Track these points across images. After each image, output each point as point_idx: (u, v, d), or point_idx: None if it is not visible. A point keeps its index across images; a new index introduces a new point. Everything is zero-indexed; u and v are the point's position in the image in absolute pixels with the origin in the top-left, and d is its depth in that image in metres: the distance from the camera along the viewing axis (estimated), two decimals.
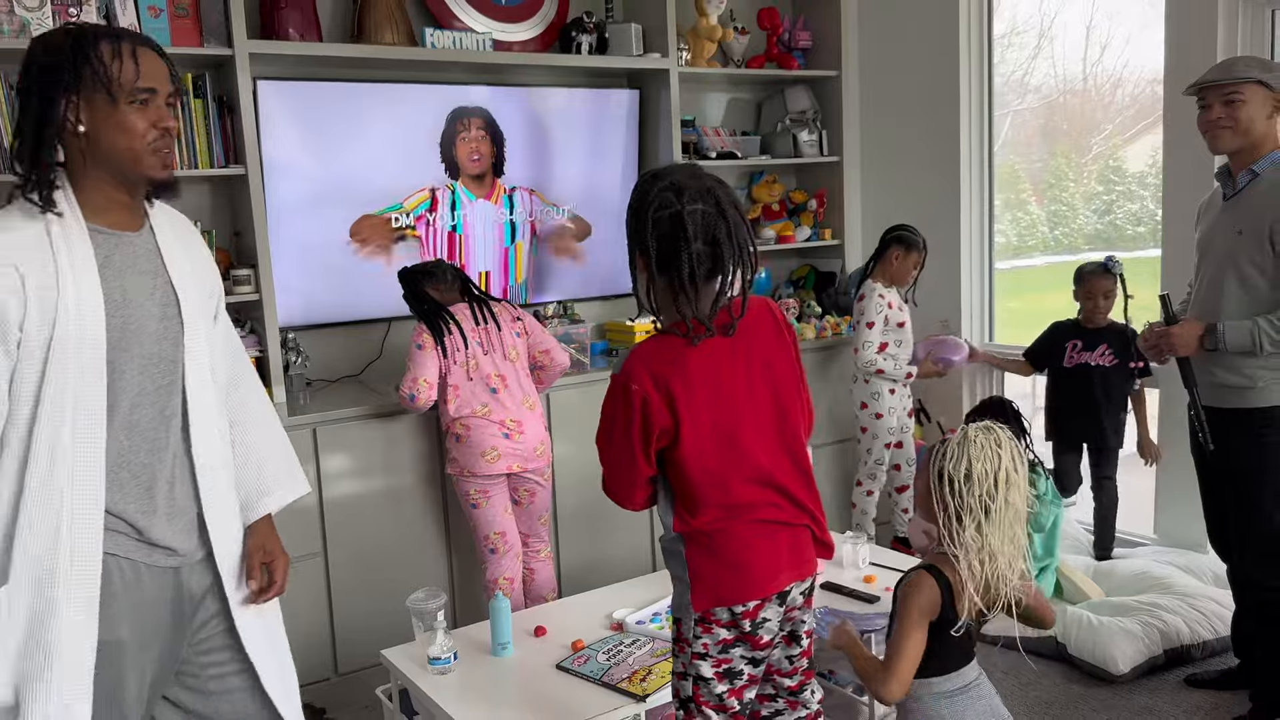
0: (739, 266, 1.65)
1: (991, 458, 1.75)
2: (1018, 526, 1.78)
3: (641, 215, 1.64)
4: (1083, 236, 5.59)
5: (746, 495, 1.71)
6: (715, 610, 1.71)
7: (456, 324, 2.96)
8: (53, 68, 1.47)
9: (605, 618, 2.47)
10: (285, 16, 3.15)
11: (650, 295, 1.69)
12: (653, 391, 1.64)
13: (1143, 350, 2.70)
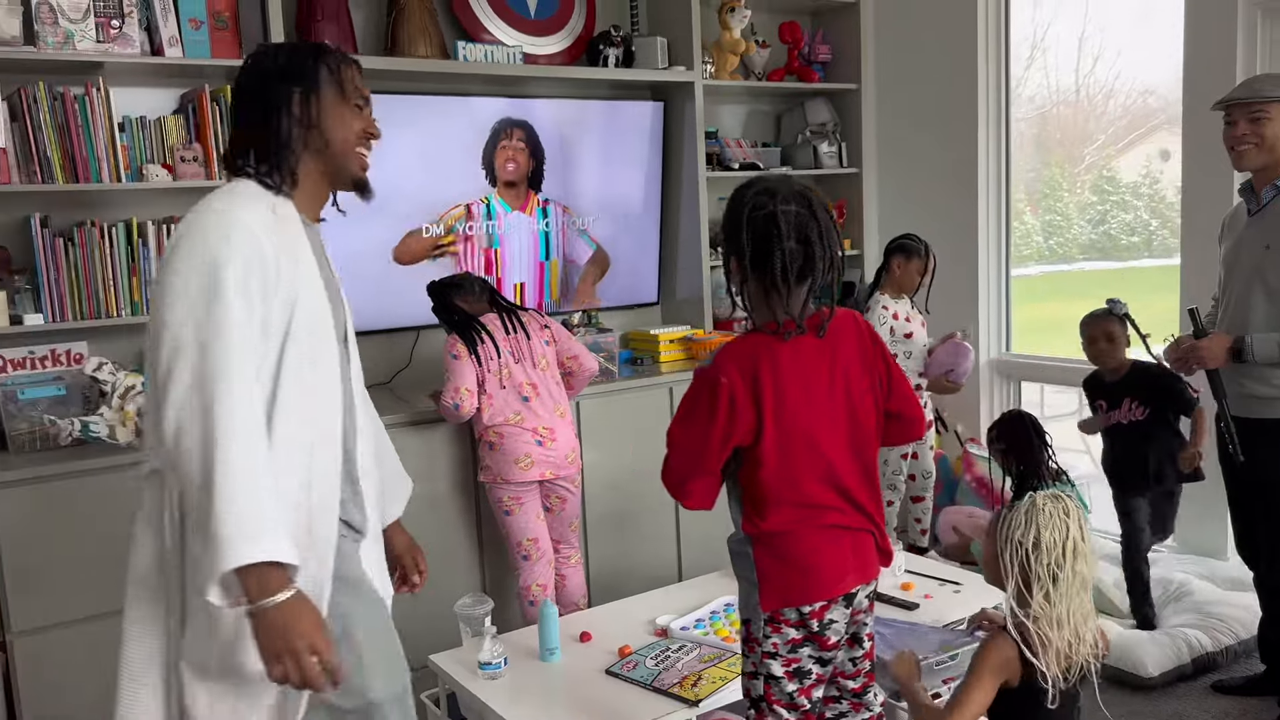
0: (829, 267, 1.70)
1: (1060, 527, 1.77)
2: (1084, 594, 1.79)
3: (736, 216, 1.70)
4: (1077, 246, 5.63)
5: (817, 497, 1.75)
6: (784, 610, 1.75)
7: (488, 333, 3.00)
8: (293, 68, 1.61)
9: (648, 623, 2.50)
10: (321, 29, 3.19)
11: (744, 295, 1.73)
12: (741, 387, 1.68)
13: (1169, 362, 2.73)
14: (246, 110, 1.62)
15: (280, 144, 1.58)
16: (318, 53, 1.65)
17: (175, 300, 1.42)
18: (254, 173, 1.59)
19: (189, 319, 1.40)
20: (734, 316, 4.03)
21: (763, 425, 1.70)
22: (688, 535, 3.67)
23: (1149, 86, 5.03)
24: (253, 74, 1.63)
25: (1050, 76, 4.48)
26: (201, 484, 1.35)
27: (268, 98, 1.59)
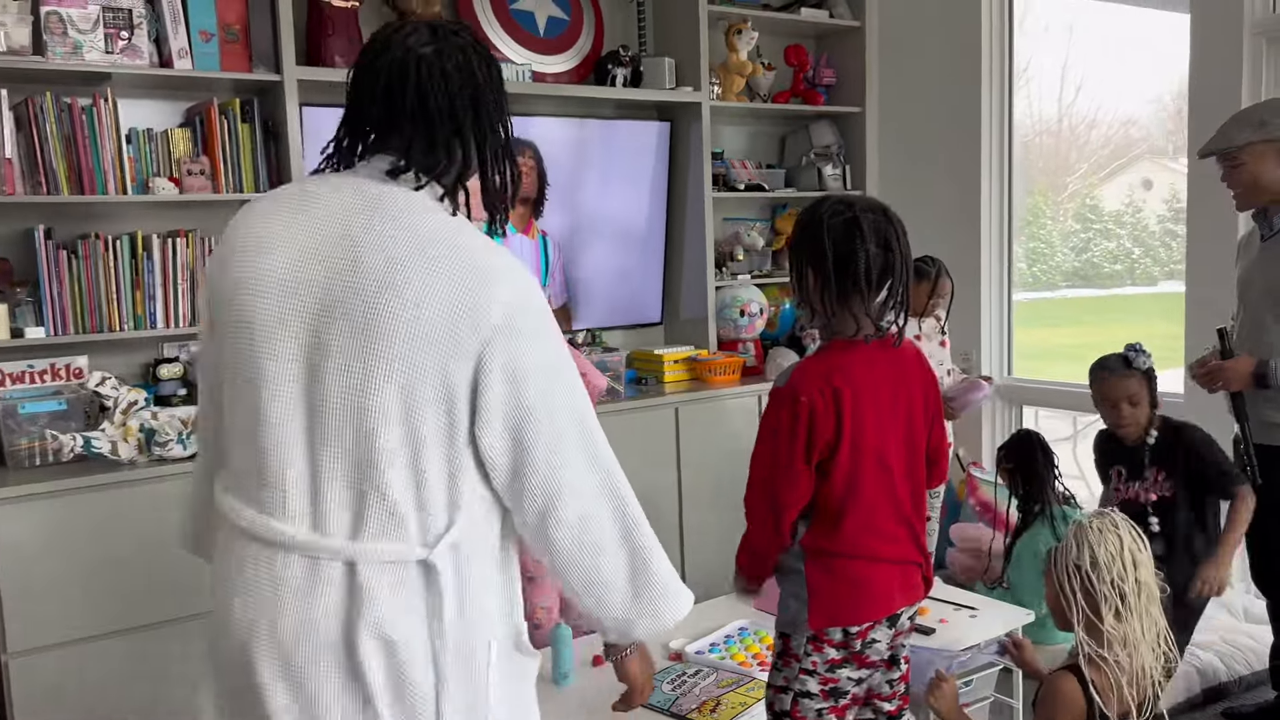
0: (906, 273, 1.72)
1: (1112, 540, 1.74)
2: (1154, 607, 1.76)
3: (815, 224, 1.72)
4: (1060, 274, 5.66)
5: (880, 520, 1.75)
6: (829, 630, 1.74)
7: None
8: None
9: (662, 647, 2.46)
10: (332, 44, 3.17)
11: (824, 303, 1.72)
12: (820, 402, 1.68)
13: (1195, 380, 2.72)
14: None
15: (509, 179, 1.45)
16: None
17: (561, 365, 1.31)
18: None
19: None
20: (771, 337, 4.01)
21: (840, 437, 1.70)
22: (693, 559, 3.63)
23: (1131, 117, 5.08)
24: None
25: (1033, 105, 4.52)
26: (625, 548, 1.34)
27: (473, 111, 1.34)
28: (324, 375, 1.19)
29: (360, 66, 1.31)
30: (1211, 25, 3.35)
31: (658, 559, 1.37)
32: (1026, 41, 4.26)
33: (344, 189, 1.27)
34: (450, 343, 1.18)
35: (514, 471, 1.25)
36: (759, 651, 2.39)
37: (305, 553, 1.21)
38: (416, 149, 1.28)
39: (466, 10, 3.51)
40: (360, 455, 1.19)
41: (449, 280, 1.20)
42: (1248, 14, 3.28)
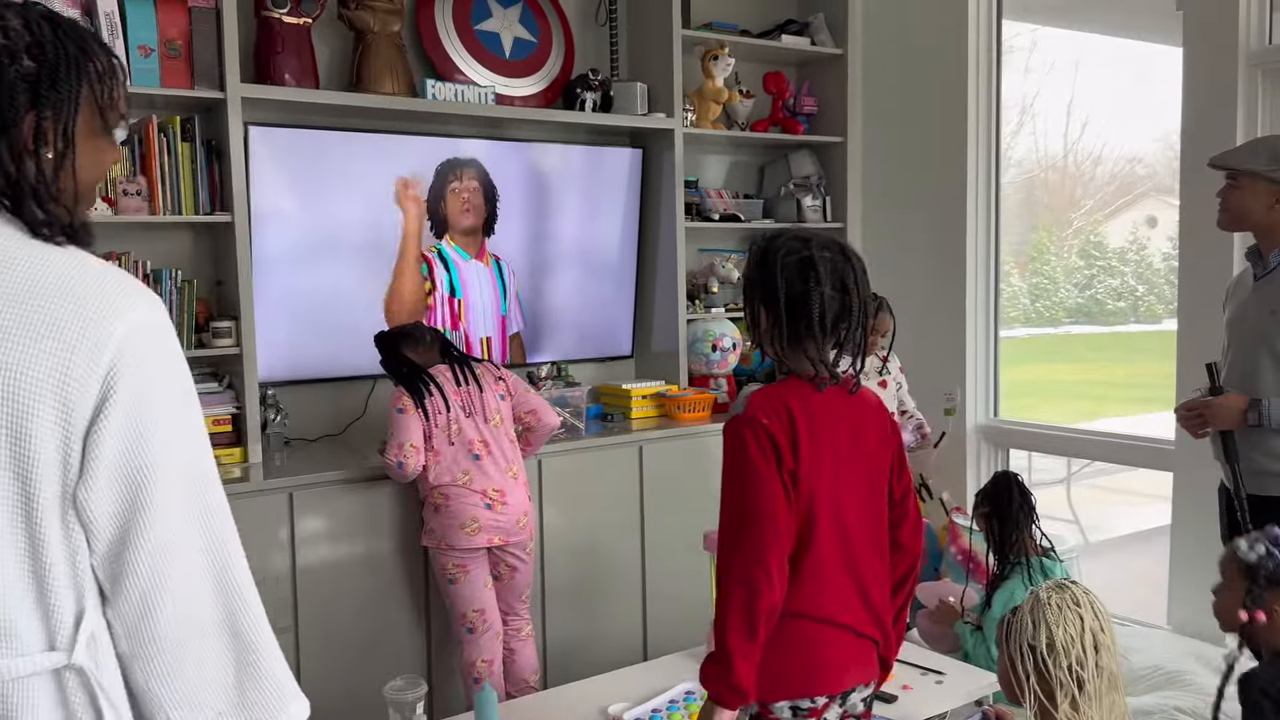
0: (863, 315, 1.63)
1: (1073, 620, 1.59)
2: (1114, 694, 1.60)
3: (769, 261, 1.63)
4: (1064, 310, 5.53)
5: (834, 582, 1.60)
6: (775, 705, 1.58)
7: (437, 386, 2.80)
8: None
9: (600, 713, 2.28)
10: (282, 61, 3.04)
11: (776, 345, 1.63)
12: (777, 424, 1.56)
13: (1179, 419, 2.58)
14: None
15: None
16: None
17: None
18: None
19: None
20: (711, 374, 3.85)
21: (797, 469, 1.56)
22: (655, 608, 3.45)
23: (1136, 154, 4.97)
24: None
25: (1039, 142, 4.42)
26: (236, 649, 1.06)
27: None
28: None
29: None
30: (1205, 57, 3.24)
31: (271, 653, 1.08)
32: (1032, 78, 4.15)
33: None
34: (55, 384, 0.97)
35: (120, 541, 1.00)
36: None
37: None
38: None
39: (428, 31, 3.38)
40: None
41: (47, 309, 0.98)
42: (1243, 46, 3.16)
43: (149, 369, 1.00)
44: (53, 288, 0.98)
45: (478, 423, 2.84)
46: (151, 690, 1.02)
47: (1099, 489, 6.57)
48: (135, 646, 1.02)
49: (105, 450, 0.97)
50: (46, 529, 0.97)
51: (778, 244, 1.64)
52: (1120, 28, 4.70)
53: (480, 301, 3.52)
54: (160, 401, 1.01)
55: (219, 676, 1.04)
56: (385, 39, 3.23)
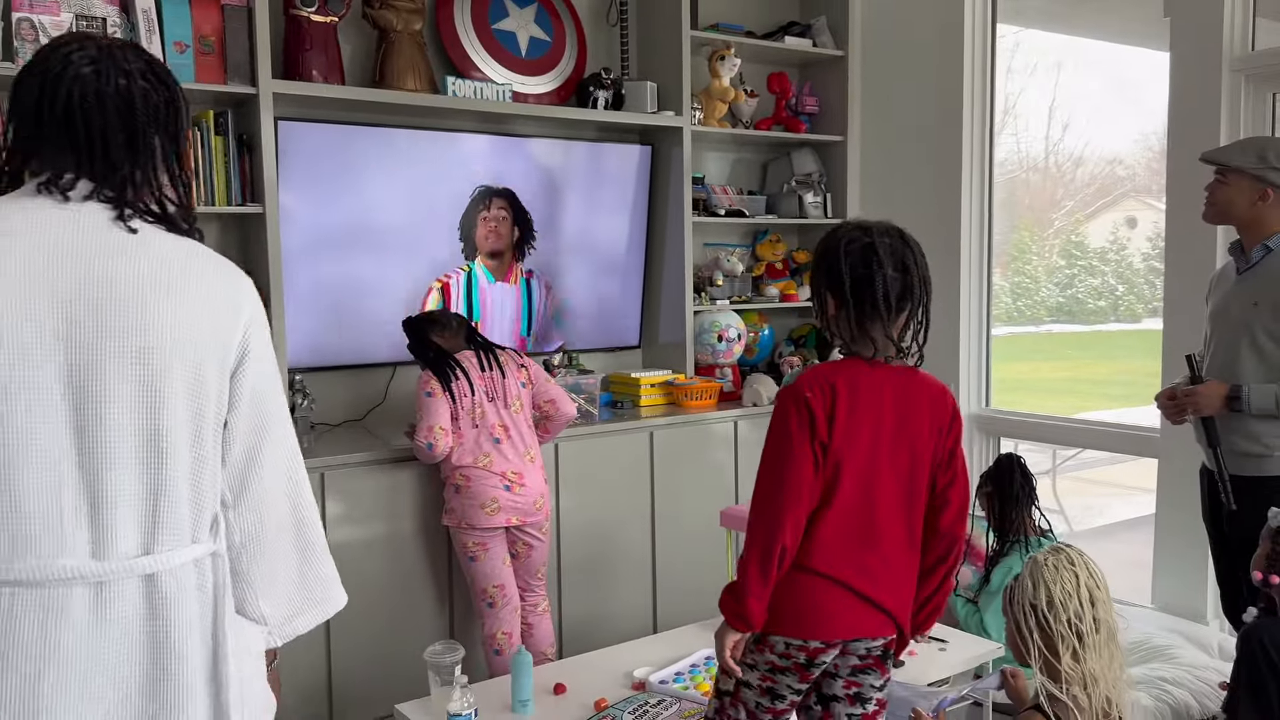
0: (925, 295, 1.75)
1: (1068, 577, 1.73)
2: (1113, 645, 1.74)
3: (833, 250, 1.74)
4: (1045, 309, 5.67)
5: (855, 547, 1.72)
6: (771, 636, 1.73)
7: (463, 370, 2.93)
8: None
9: (625, 676, 2.41)
10: (310, 59, 3.15)
11: (844, 326, 1.75)
12: (819, 404, 1.68)
13: (1160, 407, 2.72)
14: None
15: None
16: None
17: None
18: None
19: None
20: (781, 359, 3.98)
21: (829, 444, 1.68)
22: (665, 585, 3.58)
23: (1117, 156, 5.11)
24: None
25: (1021, 143, 4.54)
26: (302, 548, 1.41)
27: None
28: (97, 400, 1.21)
29: (20, 79, 1.30)
30: (1191, 62, 3.37)
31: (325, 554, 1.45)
32: (1015, 79, 4.28)
33: (42, 214, 1.25)
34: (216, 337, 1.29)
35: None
36: None
37: (88, 580, 1.20)
38: (85, 168, 1.28)
39: (447, 30, 3.50)
40: (148, 469, 1.24)
41: (204, 285, 1.30)
42: (1226, 51, 3.30)
43: (263, 330, 1.36)
44: (206, 265, 1.32)
45: (499, 407, 2.96)
46: (249, 573, 1.35)
47: (1083, 481, 6.76)
48: (246, 540, 1.34)
49: (244, 389, 1.32)
50: (207, 448, 1.28)
51: (839, 234, 1.76)
52: (1108, 32, 4.84)
53: (499, 322, 3.65)
54: (267, 353, 1.36)
55: (290, 566, 1.39)
56: (407, 37, 3.34)
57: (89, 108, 1.26)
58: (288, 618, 1.39)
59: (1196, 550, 3.34)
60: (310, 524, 1.41)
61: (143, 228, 1.28)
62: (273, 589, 1.37)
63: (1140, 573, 3.74)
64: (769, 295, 4.26)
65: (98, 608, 1.21)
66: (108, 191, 1.28)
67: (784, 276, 4.34)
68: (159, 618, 1.24)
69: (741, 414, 3.80)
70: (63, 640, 1.19)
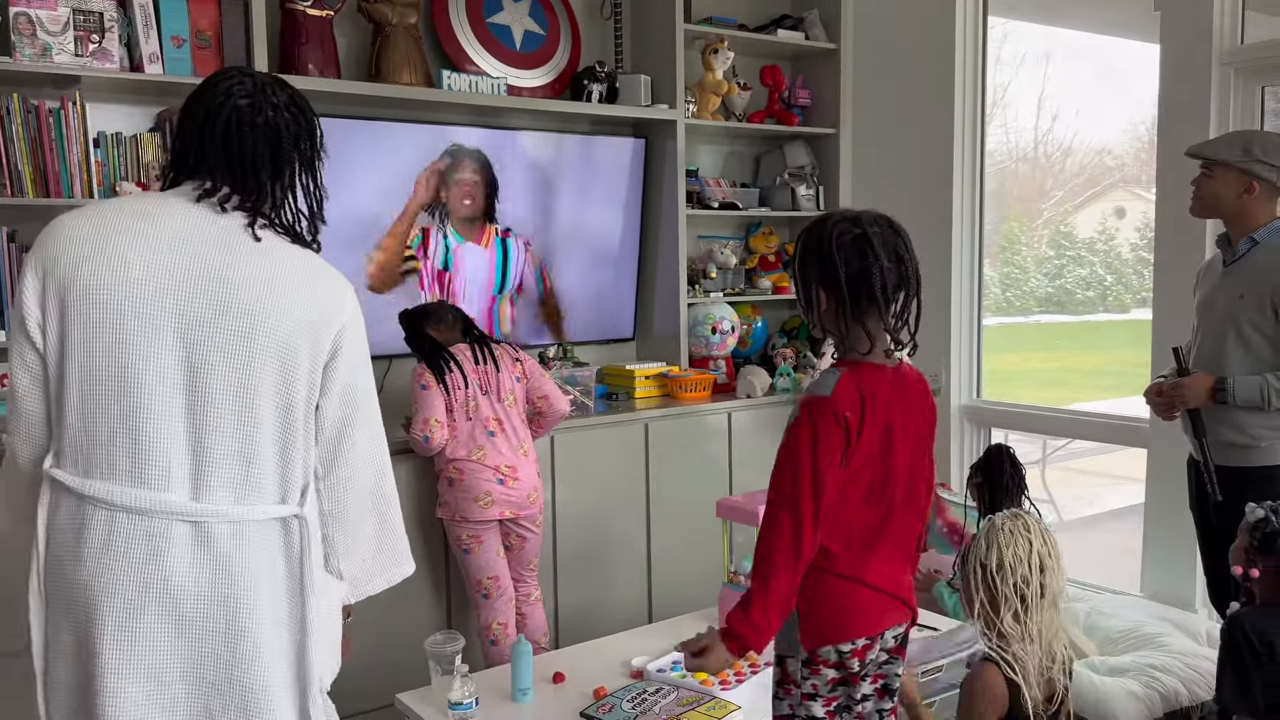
0: (917, 284, 1.71)
1: (1022, 543, 1.80)
2: (1054, 610, 1.82)
3: (824, 243, 1.68)
4: (1034, 299, 5.70)
5: (880, 547, 1.72)
6: (823, 650, 1.70)
7: (457, 364, 2.95)
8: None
9: (623, 665, 2.44)
10: (305, 53, 3.16)
11: (839, 321, 1.70)
12: (853, 419, 1.64)
13: (1150, 403, 2.76)
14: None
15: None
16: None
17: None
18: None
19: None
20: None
21: (852, 455, 1.66)
22: (659, 576, 3.62)
23: (1105, 146, 5.14)
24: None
25: (1010, 133, 4.56)
26: (380, 518, 1.64)
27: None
28: (206, 368, 1.45)
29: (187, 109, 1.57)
30: (1181, 55, 3.40)
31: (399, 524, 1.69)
32: (1004, 70, 4.30)
33: (191, 213, 1.50)
34: (311, 333, 1.51)
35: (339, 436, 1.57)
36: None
37: (187, 518, 1.43)
38: (237, 185, 1.53)
39: (442, 24, 3.51)
40: (242, 432, 1.46)
41: (308, 288, 1.52)
42: (1216, 44, 3.33)
43: (357, 332, 1.57)
44: (313, 272, 1.55)
45: (493, 401, 2.98)
46: (333, 537, 1.58)
47: (1072, 471, 6.81)
48: (333, 507, 1.57)
49: (335, 379, 1.53)
50: (297, 424, 1.50)
51: (828, 226, 1.69)
52: (1098, 24, 4.87)
53: (472, 280, 3.64)
54: (361, 355, 1.58)
55: (369, 534, 1.63)
56: (402, 31, 3.35)
57: (244, 135, 1.51)
58: (365, 578, 1.63)
59: (1185, 539, 3.39)
60: (389, 499, 1.65)
61: (268, 236, 1.52)
62: (352, 553, 1.61)
63: (1129, 561, 3.78)
64: (762, 288, 4.29)
65: (195, 541, 1.43)
66: (248, 203, 1.52)
67: (777, 269, 4.36)
68: (242, 558, 1.45)
69: (735, 405, 3.83)
70: (166, 563, 1.41)
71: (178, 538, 1.42)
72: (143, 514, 1.41)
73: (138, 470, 1.41)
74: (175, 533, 1.42)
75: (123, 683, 1.40)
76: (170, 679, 1.42)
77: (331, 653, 1.61)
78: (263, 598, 1.46)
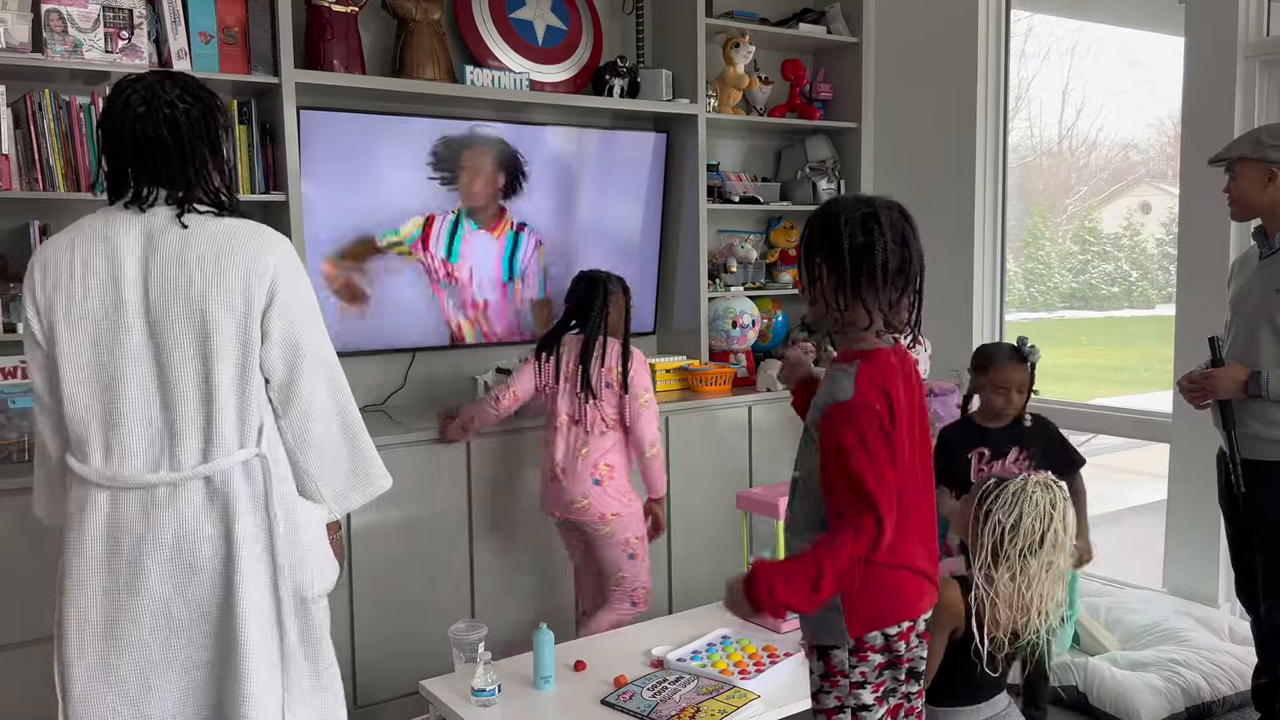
0: (920, 273, 1.72)
1: (1044, 515, 1.82)
2: (1057, 585, 1.85)
3: (833, 221, 1.70)
4: (1058, 295, 5.67)
5: (916, 529, 1.74)
6: (870, 637, 1.71)
7: (560, 353, 3.01)
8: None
9: (643, 654, 2.46)
10: (331, 48, 3.19)
11: (837, 296, 1.71)
12: (885, 411, 1.66)
13: (1183, 393, 2.74)
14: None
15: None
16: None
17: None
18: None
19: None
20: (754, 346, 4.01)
21: (895, 435, 1.68)
22: (680, 567, 3.63)
23: (1130, 140, 5.10)
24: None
25: (1034, 127, 4.53)
26: (349, 442, 1.80)
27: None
28: (169, 349, 1.65)
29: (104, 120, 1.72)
30: (1206, 48, 3.39)
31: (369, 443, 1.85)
32: (1028, 64, 4.28)
33: (134, 221, 1.69)
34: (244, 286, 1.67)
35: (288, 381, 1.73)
36: (740, 660, 2.39)
37: (168, 483, 1.65)
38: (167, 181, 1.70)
39: (465, 19, 3.53)
40: (204, 400, 1.66)
41: (240, 249, 1.68)
42: (1241, 37, 3.31)
43: (290, 274, 1.71)
44: (242, 235, 1.70)
45: (572, 398, 2.97)
46: (305, 465, 1.76)
47: (1095, 467, 6.77)
48: (297, 440, 1.75)
49: (275, 322, 1.68)
50: (252, 376, 1.67)
51: (840, 203, 1.72)
52: (1122, 17, 4.84)
53: (479, 269, 3.64)
54: (296, 292, 1.72)
55: (340, 456, 1.80)
56: (426, 27, 3.38)
57: (150, 138, 1.67)
58: (341, 495, 1.81)
59: (1208, 535, 3.38)
60: (351, 419, 1.81)
61: (195, 219, 1.69)
62: (325, 477, 1.78)
63: (1151, 557, 3.77)
64: (783, 282, 4.29)
65: (174, 498, 1.65)
66: (174, 195, 1.69)
67: (797, 263, 4.36)
68: (218, 502, 1.67)
69: (755, 399, 3.84)
70: (157, 517, 1.64)
71: (161, 496, 1.65)
72: (135, 488, 1.65)
73: (121, 450, 1.65)
74: (159, 493, 1.65)
75: (135, 626, 1.65)
76: (178, 616, 1.65)
77: (324, 565, 1.81)
78: (245, 531, 1.66)
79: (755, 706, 2.17)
